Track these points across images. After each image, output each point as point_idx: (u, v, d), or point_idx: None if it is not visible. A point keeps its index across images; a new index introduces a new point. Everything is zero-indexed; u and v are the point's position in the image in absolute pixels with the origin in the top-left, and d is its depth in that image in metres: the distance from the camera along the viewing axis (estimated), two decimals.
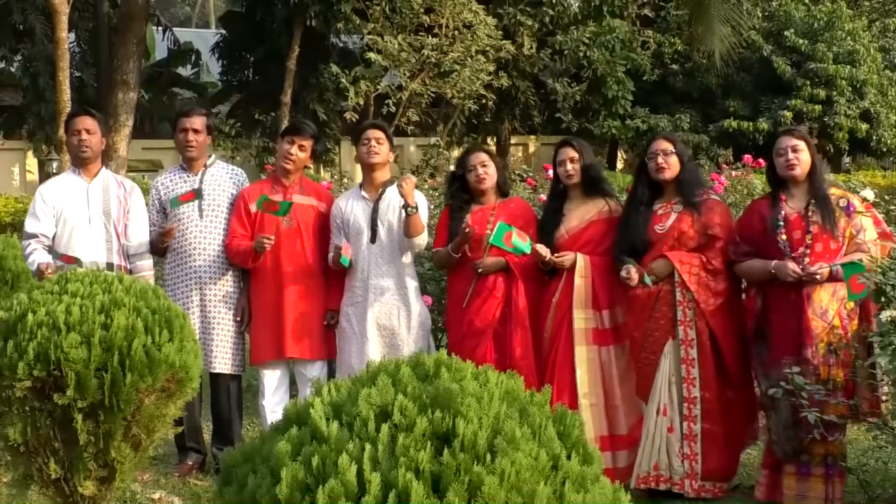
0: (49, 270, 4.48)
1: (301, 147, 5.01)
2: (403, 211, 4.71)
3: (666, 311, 4.53)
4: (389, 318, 4.82)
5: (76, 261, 4.57)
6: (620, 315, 4.71)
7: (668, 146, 4.63)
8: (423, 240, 4.86)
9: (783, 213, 4.39)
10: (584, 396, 4.60)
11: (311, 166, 19.83)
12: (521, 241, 4.60)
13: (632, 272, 4.48)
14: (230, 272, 5.05)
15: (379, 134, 4.92)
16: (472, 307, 4.74)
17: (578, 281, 4.66)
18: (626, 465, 4.65)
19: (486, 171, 4.80)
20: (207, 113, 5.33)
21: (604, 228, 4.74)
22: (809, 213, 4.33)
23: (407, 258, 4.89)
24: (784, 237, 4.35)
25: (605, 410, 4.65)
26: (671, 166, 4.60)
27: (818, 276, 4.18)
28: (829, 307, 4.23)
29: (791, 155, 4.37)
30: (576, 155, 4.76)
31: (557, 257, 4.67)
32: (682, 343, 4.49)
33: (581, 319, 4.66)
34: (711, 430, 4.47)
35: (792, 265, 4.24)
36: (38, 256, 4.70)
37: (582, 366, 4.62)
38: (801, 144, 4.38)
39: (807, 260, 4.26)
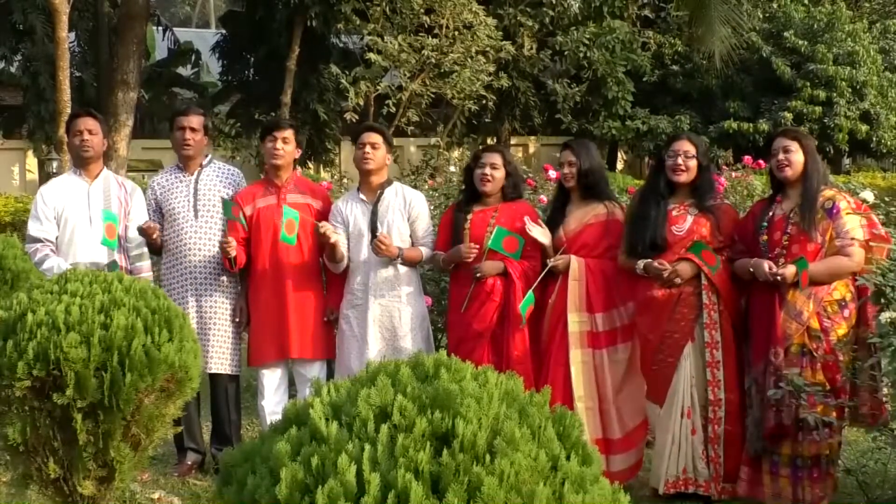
0: None
1: (284, 140, 4.97)
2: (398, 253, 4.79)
3: (687, 314, 4.51)
4: (391, 319, 4.82)
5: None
6: (627, 317, 4.70)
7: (691, 149, 4.59)
8: (425, 258, 4.93)
9: (771, 213, 4.41)
10: (580, 399, 4.60)
11: (311, 166, 19.99)
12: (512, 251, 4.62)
13: (664, 264, 4.47)
14: (226, 272, 5.04)
15: (375, 138, 4.88)
16: (471, 310, 4.73)
17: (572, 284, 4.66)
18: (621, 469, 4.64)
19: (493, 174, 4.78)
20: (205, 113, 5.32)
21: (599, 231, 4.73)
22: (791, 215, 4.34)
23: None
24: (765, 238, 4.37)
25: (599, 414, 4.65)
26: (689, 170, 4.57)
27: (779, 278, 4.18)
28: (803, 308, 4.22)
29: (782, 156, 4.38)
30: (573, 159, 4.75)
31: (553, 260, 4.68)
32: (708, 346, 4.47)
33: (575, 322, 4.65)
34: (732, 432, 4.47)
35: (767, 264, 4.25)
36: (54, 262, 4.71)
37: (577, 368, 4.62)
38: (794, 145, 4.38)
39: (782, 261, 4.27)
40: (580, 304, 4.66)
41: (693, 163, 4.58)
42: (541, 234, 4.71)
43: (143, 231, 4.85)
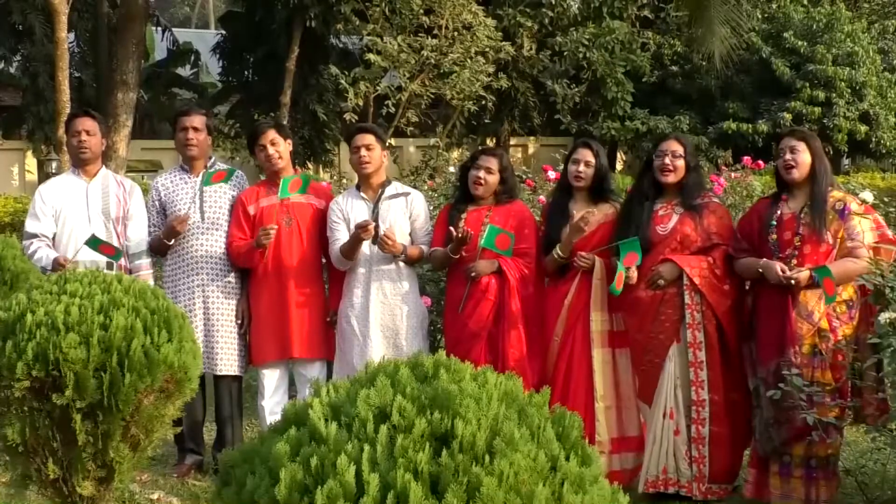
0: (67, 264, 4.52)
1: (273, 143, 4.96)
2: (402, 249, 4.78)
3: (671, 314, 4.51)
4: (392, 318, 4.81)
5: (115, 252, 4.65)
6: (619, 319, 4.71)
7: (679, 149, 4.59)
8: (424, 256, 4.92)
9: (779, 213, 4.40)
10: (601, 399, 4.62)
11: (311, 167, 19.99)
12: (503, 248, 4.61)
13: (632, 272, 4.49)
14: (232, 274, 5.03)
15: (369, 139, 4.87)
16: (466, 310, 4.73)
17: (596, 283, 4.65)
18: (633, 468, 4.65)
19: (486, 178, 4.77)
20: (207, 112, 5.31)
21: (612, 232, 4.72)
22: (802, 215, 4.33)
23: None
24: (774, 237, 4.35)
25: (616, 413, 4.67)
26: (677, 170, 4.57)
27: (794, 281, 4.18)
28: (814, 309, 4.22)
29: (789, 156, 4.37)
30: (592, 160, 4.74)
31: (580, 258, 4.65)
32: (690, 346, 4.47)
33: (598, 322, 4.66)
34: (719, 433, 4.47)
35: (778, 265, 4.23)
36: (47, 252, 4.71)
37: (599, 368, 4.63)
38: (801, 146, 4.37)
39: (794, 261, 4.26)
40: (603, 302, 4.67)
41: (681, 163, 4.58)
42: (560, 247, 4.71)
43: (178, 221, 4.83)
